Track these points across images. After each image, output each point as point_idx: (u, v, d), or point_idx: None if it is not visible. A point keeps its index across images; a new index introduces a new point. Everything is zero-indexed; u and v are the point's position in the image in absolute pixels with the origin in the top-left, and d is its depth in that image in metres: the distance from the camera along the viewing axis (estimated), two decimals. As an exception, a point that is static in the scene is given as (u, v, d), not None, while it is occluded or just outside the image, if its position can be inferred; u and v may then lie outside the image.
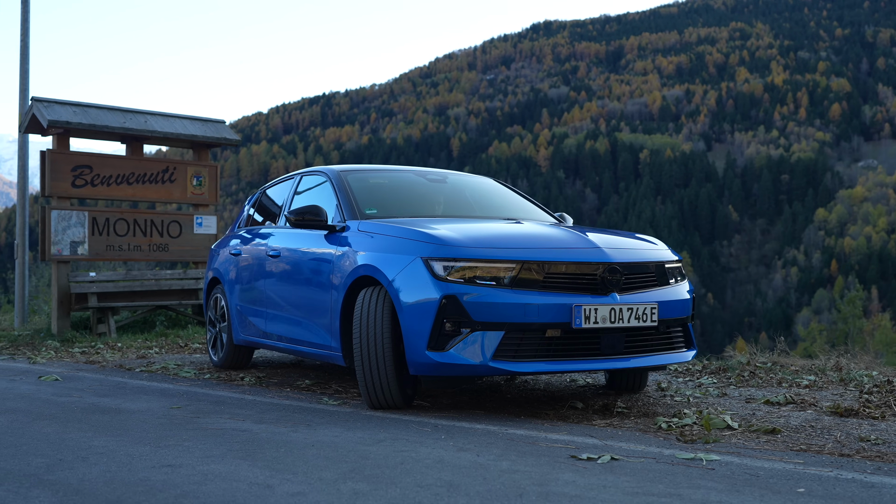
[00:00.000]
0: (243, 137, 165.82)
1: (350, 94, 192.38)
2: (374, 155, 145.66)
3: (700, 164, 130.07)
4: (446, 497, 2.73)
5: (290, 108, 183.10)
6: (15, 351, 8.84)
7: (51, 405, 4.96)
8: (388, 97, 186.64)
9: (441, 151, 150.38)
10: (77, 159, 9.85)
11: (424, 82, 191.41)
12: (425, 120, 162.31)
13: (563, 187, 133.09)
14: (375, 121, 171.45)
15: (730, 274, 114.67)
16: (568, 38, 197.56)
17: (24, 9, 10.96)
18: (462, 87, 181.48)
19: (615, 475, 3.07)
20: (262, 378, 6.34)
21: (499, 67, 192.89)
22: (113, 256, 10.12)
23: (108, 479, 3.02)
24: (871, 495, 2.83)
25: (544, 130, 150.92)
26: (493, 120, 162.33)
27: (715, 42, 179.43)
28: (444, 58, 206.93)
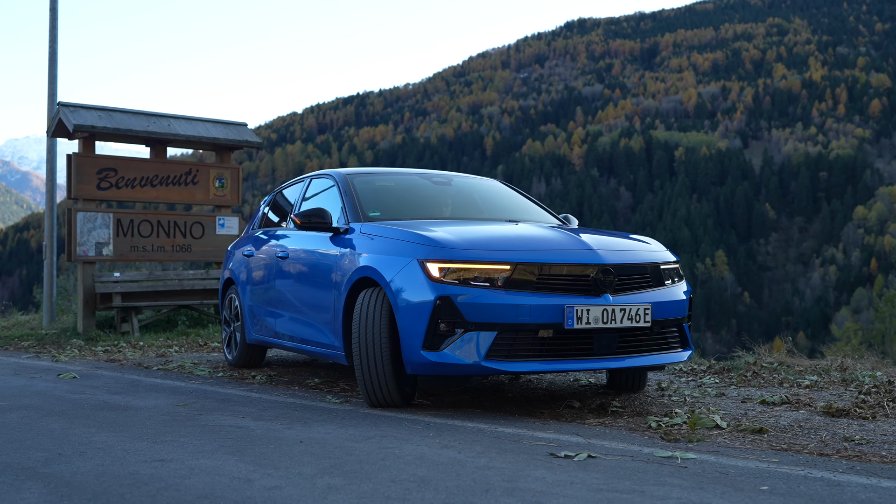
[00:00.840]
0: (278, 137, 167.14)
1: (384, 93, 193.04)
2: (407, 154, 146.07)
3: (736, 161, 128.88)
4: (415, 491, 2.84)
5: (325, 108, 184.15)
6: (41, 349, 9.08)
7: (63, 402, 5.13)
8: (421, 96, 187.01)
9: (475, 150, 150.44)
10: (102, 162, 10.08)
11: (458, 81, 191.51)
12: (459, 119, 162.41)
13: (598, 186, 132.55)
14: (409, 120, 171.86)
15: (767, 272, 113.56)
16: (602, 36, 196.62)
17: (53, 17, 11.23)
18: (496, 86, 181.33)
19: (586, 472, 3.16)
20: (273, 377, 6.49)
21: (532, 66, 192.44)
22: (137, 257, 10.35)
23: (99, 472, 3.16)
24: (832, 493, 2.89)
25: (578, 129, 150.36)
26: (527, 118, 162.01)
27: (752, 38, 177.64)
28: (478, 57, 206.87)
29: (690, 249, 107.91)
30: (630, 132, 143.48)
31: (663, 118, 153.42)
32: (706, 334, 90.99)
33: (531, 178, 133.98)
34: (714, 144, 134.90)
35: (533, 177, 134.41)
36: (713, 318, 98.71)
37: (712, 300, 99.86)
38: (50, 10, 11.21)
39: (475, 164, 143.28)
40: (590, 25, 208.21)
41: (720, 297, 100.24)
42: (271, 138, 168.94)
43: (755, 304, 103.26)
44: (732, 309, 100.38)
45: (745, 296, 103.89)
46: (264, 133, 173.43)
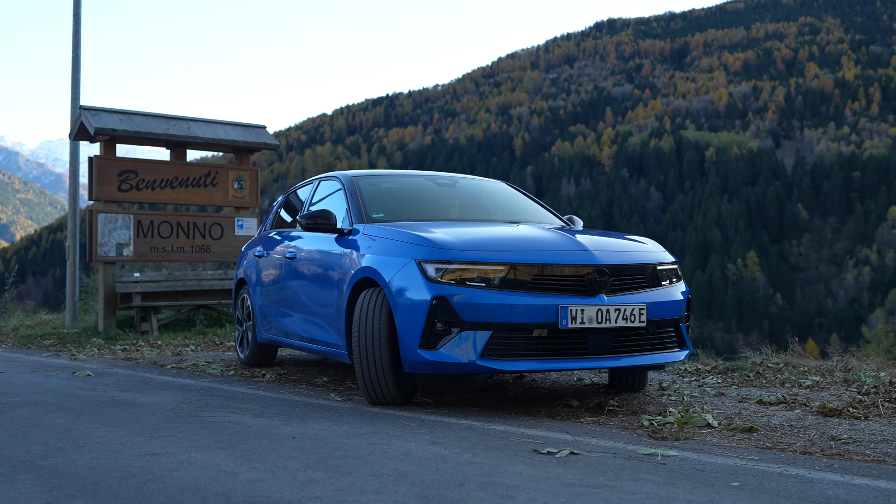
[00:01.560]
0: (308, 138, 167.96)
1: (413, 94, 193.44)
2: (436, 155, 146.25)
3: (768, 161, 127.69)
4: (392, 484, 2.92)
5: (354, 110, 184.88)
6: (62, 348, 9.27)
7: (72, 399, 5.27)
8: (450, 97, 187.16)
9: (504, 151, 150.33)
10: (123, 165, 10.27)
11: (487, 82, 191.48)
12: (488, 120, 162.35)
13: (627, 186, 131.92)
14: (438, 121, 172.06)
15: (799, 273, 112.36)
16: (632, 36, 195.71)
17: (76, 21, 11.45)
18: (525, 87, 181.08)
19: (564, 468, 3.22)
20: (283, 375, 6.60)
21: (562, 66, 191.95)
22: (157, 258, 10.53)
23: (93, 465, 3.28)
24: (801, 489, 2.94)
25: (608, 129, 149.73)
26: (556, 119, 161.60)
27: (783, 37, 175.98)
28: (507, 57, 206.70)
29: (721, 250, 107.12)
30: (660, 132, 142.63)
31: (694, 118, 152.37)
32: (737, 335, 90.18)
33: (560, 178, 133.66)
34: (745, 144, 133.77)
35: (562, 177, 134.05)
36: (745, 320, 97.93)
37: (744, 301, 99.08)
38: (73, 16, 11.42)
39: (504, 165, 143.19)
40: (619, 26, 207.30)
41: (752, 299, 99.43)
42: (301, 139, 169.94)
43: (787, 305, 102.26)
44: (764, 310, 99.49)
45: (777, 297, 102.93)
46: (294, 135, 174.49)
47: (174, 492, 2.84)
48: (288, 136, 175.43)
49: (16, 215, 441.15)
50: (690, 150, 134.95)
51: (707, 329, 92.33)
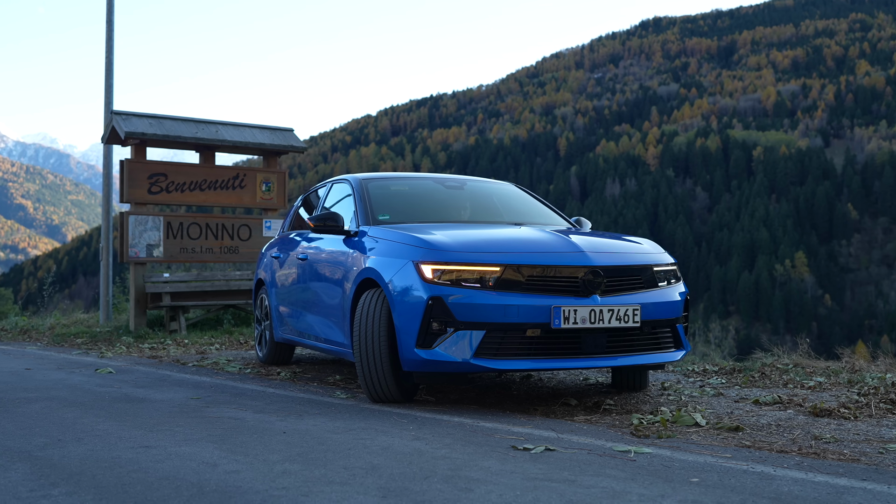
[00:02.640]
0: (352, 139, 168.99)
1: (457, 95, 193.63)
2: (480, 156, 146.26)
3: (817, 160, 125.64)
4: (360, 477, 3.05)
5: (399, 111, 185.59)
6: (93, 346, 9.55)
7: (87, 394, 5.48)
8: (494, 97, 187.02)
9: (548, 151, 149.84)
10: (153, 168, 10.54)
11: (531, 82, 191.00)
12: (532, 120, 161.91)
13: (673, 186, 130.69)
14: (482, 121, 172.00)
15: (849, 274, 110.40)
16: (678, 35, 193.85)
17: (109, 28, 11.76)
18: (569, 87, 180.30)
19: (533, 463, 3.32)
20: (298, 373, 6.76)
21: (607, 66, 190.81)
22: (186, 258, 10.78)
23: (85, 456, 3.45)
24: (758, 485, 3.00)
25: (653, 128, 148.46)
26: (601, 118, 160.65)
27: (833, 34, 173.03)
28: (552, 57, 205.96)
29: (769, 250, 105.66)
30: (706, 132, 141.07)
31: (741, 117, 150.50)
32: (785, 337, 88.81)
33: (605, 178, 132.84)
34: (794, 143, 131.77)
35: (607, 178, 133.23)
36: (793, 321, 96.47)
37: (792, 303, 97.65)
38: (106, 23, 11.73)
39: (548, 166, 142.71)
40: (665, 24, 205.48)
41: (800, 300, 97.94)
42: (346, 141, 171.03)
43: (836, 306, 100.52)
44: (813, 312, 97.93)
45: (826, 298, 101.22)
46: (339, 136, 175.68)
47: (152, 481, 2.99)
48: (333, 137, 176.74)
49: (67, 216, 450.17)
50: (737, 149, 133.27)
51: (754, 330, 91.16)
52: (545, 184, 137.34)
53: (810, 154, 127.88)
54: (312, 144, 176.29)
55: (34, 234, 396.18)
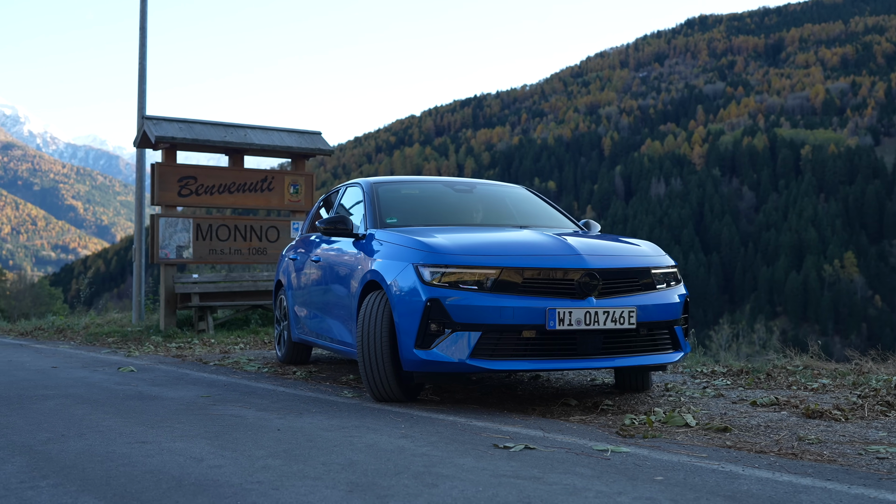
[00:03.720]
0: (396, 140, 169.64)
1: (501, 95, 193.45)
2: (524, 156, 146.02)
3: (867, 159, 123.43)
4: (334, 472, 3.17)
5: (442, 111, 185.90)
6: (122, 345, 9.81)
7: (103, 392, 5.68)
8: (538, 97, 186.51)
9: (592, 151, 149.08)
10: (183, 171, 10.79)
11: (575, 81, 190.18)
12: (576, 119, 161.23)
13: (719, 186, 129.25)
14: (526, 121, 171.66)
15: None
16: (724, 33, 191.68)
17: (142, 36, 12.05)
18: (614, 86, 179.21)
19: (508, 461, 3.42)
20: (314, 373, 6.92)
21: (652, 64, 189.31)
22: (215, 260, 11.02)
23: (82, 451, 3.62)
24: (719, 484, 3.07)
25: (699, 127, 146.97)
26: (646, 118, 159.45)
27: (884, 31, 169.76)
28: (596, 56, 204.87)
29: (818, 251, 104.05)
30: (753, 130, 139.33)
31: (788, 115, 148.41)
32: (834, 338, 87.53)
33: (650, 178, 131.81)
34: (843, 142, 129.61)
35: (652, 177, 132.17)
36: (842, 323, 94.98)
37: (840, 303, 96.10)
38: (140, 30, 12.03)
39: (592, 165, 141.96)
40: (711, 22, 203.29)
41: (849, 301, 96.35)
42: (390, 141, 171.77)
43: (887, 307, 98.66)
44: (862, 313, 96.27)
45: (877, 299, 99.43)
46: (383, 136, 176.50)
47: (137, 475, 3.14)
48: (377, 137, 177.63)
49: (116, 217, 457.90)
50: (785, 148, 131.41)
51: (802, 332, 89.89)
52: (589, 184, 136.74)
53: (860, 153, 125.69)
54: (357, 145, 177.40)
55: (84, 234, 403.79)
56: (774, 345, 40.75)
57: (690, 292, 34.63)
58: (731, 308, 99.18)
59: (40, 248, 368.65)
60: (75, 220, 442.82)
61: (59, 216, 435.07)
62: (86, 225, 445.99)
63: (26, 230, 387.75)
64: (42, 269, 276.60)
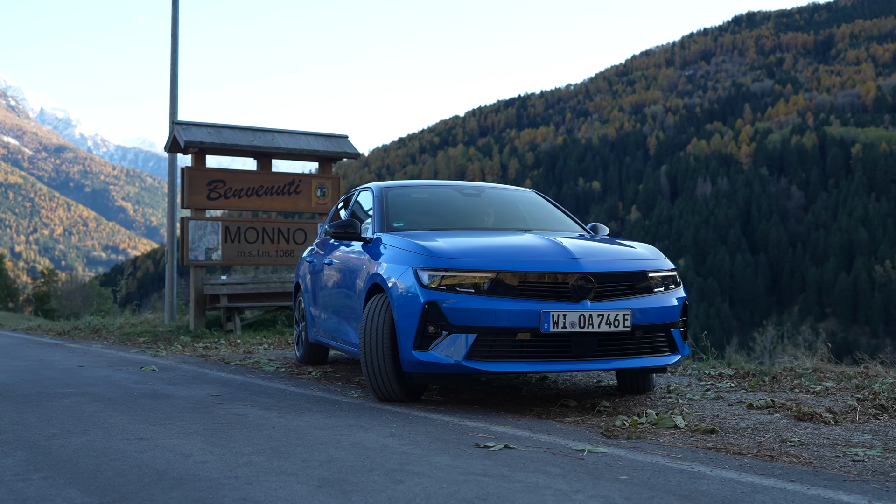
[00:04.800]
0: (440, 140, 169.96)
1: (545, 95, 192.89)
2: (568, 155, 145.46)
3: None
4: (311, 468, 3.31)
5: (486, 111, 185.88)
6: (152, 345, 10.08)
7: (119, 390, 5.89)
8: (583, 97, 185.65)
9: (637, 150, 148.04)
10: (212, 175, 11.04)
11: (620, 80, 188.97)
12: (621, 119, 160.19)
13: (767, 185, 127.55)
14: (570, 121, 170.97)
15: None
16: (773, 30, 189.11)
17: (174, 43, 12.34)
18: (659, 85, 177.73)
19: (482, 460, 3.53)
20: (328, 373, 7.08)
21: (698, 63, 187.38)
22: (243, 261, 11.26)
23: (81, 446, 3.80)
24: (681, 483, 3.16)
25: (746, 126, 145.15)
26: (692, 117, 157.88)
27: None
28: (641, 55, 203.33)
29: (868, 251, 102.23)
30: (802, 129, 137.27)
31: (839, 113, 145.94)
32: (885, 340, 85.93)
33: (696, 177, 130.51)
34: (895, 140, 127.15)
35: (698, 176, 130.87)
36: (893, 325, 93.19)
37: (892, 305, 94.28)
38: (171, 36, 12.32)
39: (637, 165, 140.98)
40: (759, 19, 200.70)
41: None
42: (434, 142, 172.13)
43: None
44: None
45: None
46: (427, 137, 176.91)
47: (125, 469, 3.31)
48: (421, 138, 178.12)
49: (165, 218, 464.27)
50: (835, 146, 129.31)
51: (852, 334, 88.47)
52: (634, 183, 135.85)
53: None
54: (401, 146, 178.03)
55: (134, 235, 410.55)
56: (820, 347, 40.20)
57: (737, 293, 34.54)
58: (778, 309, 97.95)
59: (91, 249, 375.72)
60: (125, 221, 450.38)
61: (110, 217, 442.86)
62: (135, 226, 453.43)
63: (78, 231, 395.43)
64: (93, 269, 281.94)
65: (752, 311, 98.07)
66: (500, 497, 2.91)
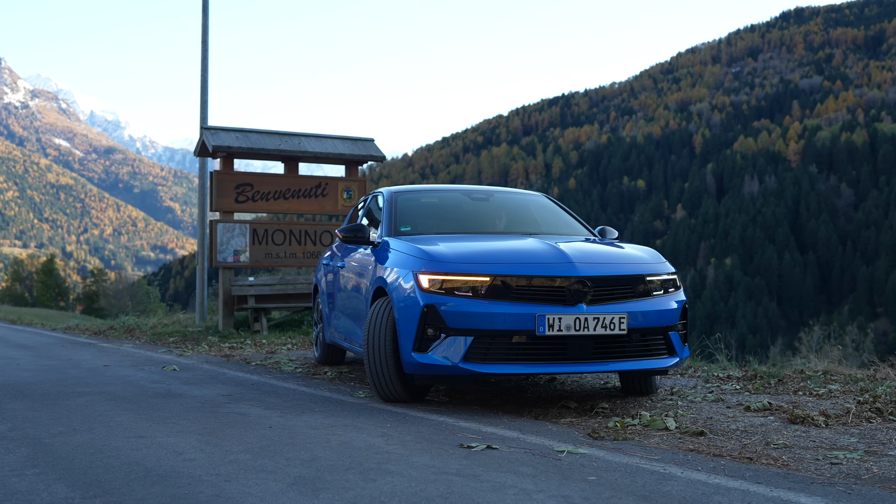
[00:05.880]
0: (484, 140, 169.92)
1: (589, 93, 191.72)
2: (613, 154, 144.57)
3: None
4: (292, 467, 3.45)
5: (530, 110, 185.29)
6: (181, 345, 10.32)
7: (135, 390, 6.09)
8: (627, 95, 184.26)
9: (682, 149, 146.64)
10: (240, 178, 11.28)
11: (666, 78, 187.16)
12: (666, 117, 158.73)
13: (816, 183, 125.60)
14: (615, 119, 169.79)
15: None
16: (822, 25, 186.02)
17: (204, 49, 12.60)
18: (705, 82, 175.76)
19: (460, 460, 3.64)
20: (344, 373, 7.23)
21: (745, 59, 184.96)
22: (271, 263, 11.47)
23: (82, 443, 3.98)
24: (646, 484, 3.24)
25: (794, 123, 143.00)
26: (739, 114, 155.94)
27: None
28: (687, 52, 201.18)
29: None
30: (852, 125, 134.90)
31: (890, 110, 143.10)
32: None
33: (743, 176, 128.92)
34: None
35: (745, 175, 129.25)
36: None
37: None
38: (202, 43, 12.58)
39: (683, 163, 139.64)
40: (808, 14, 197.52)
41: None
42: (477, 141, 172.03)
43: None
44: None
45: None
46: (470, 136, 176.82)
47: (115, 465, 3.48)
48: (464, 137, 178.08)
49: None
50: (886, 143, 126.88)
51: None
52: (680, 182, 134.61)
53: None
54: (444, 145, 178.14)
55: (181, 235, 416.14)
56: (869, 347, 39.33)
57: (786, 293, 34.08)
58: (828, 309, 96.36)
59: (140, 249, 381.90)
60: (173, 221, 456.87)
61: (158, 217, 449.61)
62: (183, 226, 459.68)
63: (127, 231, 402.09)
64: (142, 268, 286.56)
65: (800, 311, 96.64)
66: (463, 496, 3.01)
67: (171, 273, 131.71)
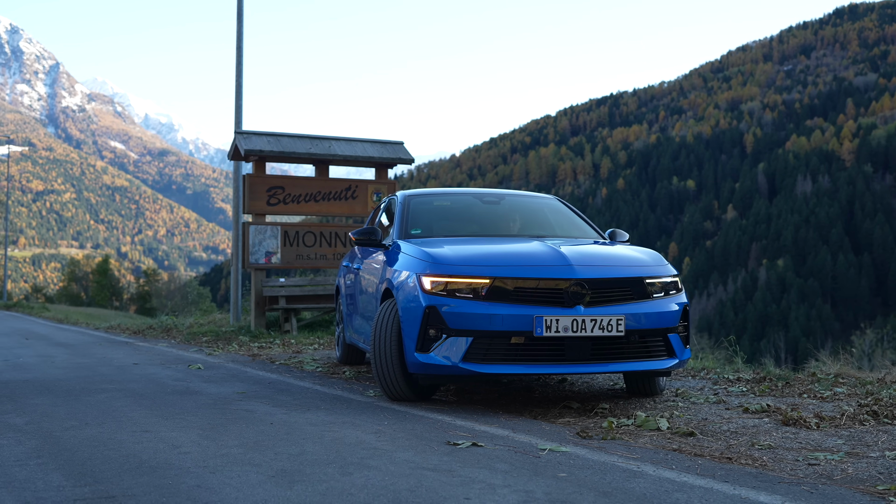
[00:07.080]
0: (531, 140, 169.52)
1: (638, 92, 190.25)
2: (662, 154, 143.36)
3: None
4: (279, 461, 3.62)
5: (578, 110, 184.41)
6: (212, 344, 10.60)
7: (155, 387, 6.32)
8: (677, 94, 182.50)
9: (733, 148, 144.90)
10: (271, 181, 11.53)
11: (716, 77, 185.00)
12: (717, 116, 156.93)
13: (871, 182, 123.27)
14: (664, 119, 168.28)
15: None
16: (877, 21, 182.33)
17: (238, 55, 12.89)
18: (757, 80, 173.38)
19: (441, 456, 3.78)
20: (362, 373, 7.40)
21: (797, 57, 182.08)
22: (302, 265, 11.71)
23: (89, 437, 4.19)
24: (613, 482, 3.35)
25: (849, 122, 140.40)
26: (791, 113, 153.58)
27: None
28: (738, 50, 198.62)
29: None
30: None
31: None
32: None
33: (795, 175, 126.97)
34: None
35: (797, 174, 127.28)
36: None
37: None
38: (236, 50, 12.88)
39: (734, 163, 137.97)
40: (862, 11, 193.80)
41: None
42: (525, 142, 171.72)
43: None
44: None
45: None
46: (518, 137, 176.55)
47: (114, 458, 3.68)
48: (512, 138, 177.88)
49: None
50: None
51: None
52: (730, 182, 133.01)
53: None
54: (492, 146, 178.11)
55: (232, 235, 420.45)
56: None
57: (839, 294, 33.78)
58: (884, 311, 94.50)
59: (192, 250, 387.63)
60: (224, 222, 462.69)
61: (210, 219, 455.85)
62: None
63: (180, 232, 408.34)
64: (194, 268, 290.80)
65: (854, 314, 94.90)
66: (429, 489, 3.15)
67: (222, 273, 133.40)
